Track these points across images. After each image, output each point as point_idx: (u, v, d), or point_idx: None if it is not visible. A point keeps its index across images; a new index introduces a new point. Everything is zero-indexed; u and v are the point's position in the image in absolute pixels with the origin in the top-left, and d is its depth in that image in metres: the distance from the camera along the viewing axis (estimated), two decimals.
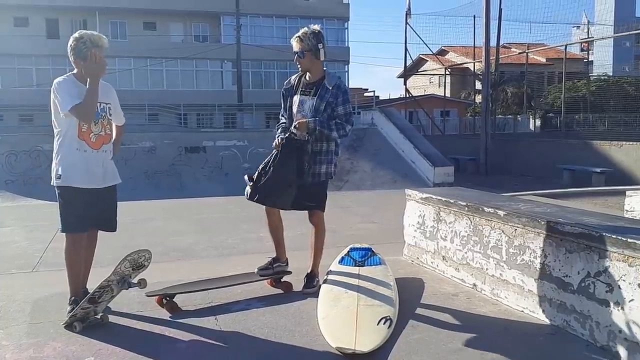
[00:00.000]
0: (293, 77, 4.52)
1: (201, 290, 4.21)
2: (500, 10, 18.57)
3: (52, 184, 3.80)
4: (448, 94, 38.97)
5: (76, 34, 3.74)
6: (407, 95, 26.33)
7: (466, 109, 40.71)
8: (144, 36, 35.32)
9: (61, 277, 4.91)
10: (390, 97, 41.64)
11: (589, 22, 28.74)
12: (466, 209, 4.33)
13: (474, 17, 24.37)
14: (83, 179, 3.71)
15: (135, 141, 14.13)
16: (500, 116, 31.70)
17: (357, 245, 4.66)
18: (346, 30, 39.07)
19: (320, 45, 4.26)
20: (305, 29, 4.28)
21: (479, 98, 42.27)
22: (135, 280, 3.49)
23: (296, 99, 4.36)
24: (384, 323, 3.43)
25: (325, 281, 4.19)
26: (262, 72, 38.54)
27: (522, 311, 3.76)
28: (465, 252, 4.35)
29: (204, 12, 36.42)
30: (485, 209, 4.09)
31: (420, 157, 14.82)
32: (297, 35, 4.27)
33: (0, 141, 13.24)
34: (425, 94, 38.47)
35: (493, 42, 18.26)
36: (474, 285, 4.27)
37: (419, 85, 40.50)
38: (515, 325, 3.60)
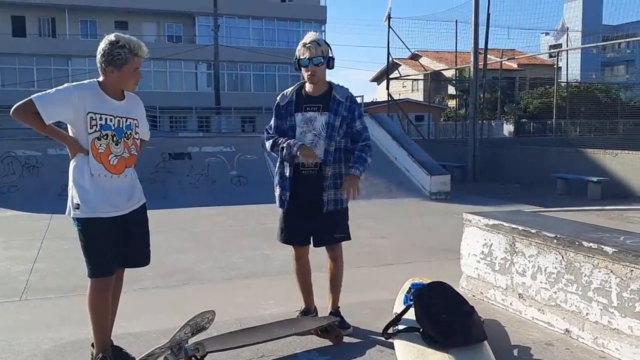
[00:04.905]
0: (288, 91, 3.78)
1: (239, 347, 3.34)
2: (489, 15, 18.26)
3: (68, 214, 3.11)
4: (423, 99, 38.86)
5: (112, 37, 3.13)
6: (389, 99, 25.88)
7: (440, 114, 40.67)
8: None
9: (58, 310, 4.30)
10: (364, 102, 41.35)
11: (568, 28, 28.87)
12: (555, 241, 3.73)
13: (456, 21, 24.11)
14: (104, 207, 3.06)
15: None
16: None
17: (419, 281, 4.05)
18: (323, 32, 38.52)
19: (330, 52, 3.65)
20: (313, 33, 3.66)
21: (451, 103, 42.60)
22: (192, 347, 2.79)
23: (300, 117, 3.66)
24: None
25: (397, 329, 3.54)
26: (238, 73, 37.72)
27: None
28: (555, 292, 3.75)
29: (178, 12, 35.48)
30: (584, 243, 3.50)
31: (415, 165, 14.25)
32: (310, 40, 3.57)
33: None
34: (400, 98, 38.24)
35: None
36: (567, 331, 3.67)
37: (393, 90, 40.27)
38: None
